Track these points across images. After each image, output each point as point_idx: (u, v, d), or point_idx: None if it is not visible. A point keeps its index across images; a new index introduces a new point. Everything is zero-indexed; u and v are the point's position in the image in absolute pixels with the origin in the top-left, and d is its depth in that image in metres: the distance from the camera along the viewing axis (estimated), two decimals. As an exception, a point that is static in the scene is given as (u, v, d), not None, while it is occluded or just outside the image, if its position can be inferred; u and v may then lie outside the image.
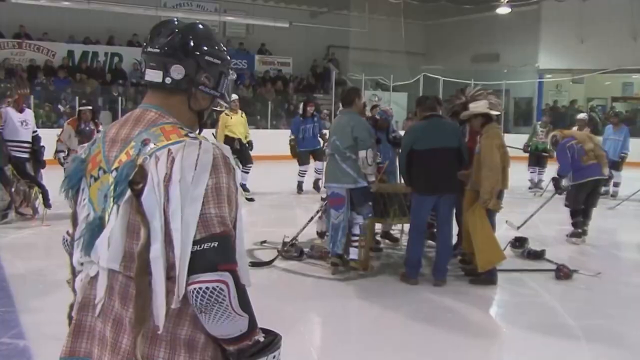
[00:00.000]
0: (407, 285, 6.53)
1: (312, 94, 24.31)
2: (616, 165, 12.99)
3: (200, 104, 1.94)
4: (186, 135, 1.78)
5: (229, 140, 12.10)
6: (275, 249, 7.57)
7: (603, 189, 13.10)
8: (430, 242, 7.43)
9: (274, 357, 1.86)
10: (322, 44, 26.60)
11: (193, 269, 1.66)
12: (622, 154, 12.88)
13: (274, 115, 22.00)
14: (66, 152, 9.57)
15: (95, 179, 1.84)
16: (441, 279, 6.57)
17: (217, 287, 1.66)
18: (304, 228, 7.71)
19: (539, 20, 24.20)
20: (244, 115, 12.69)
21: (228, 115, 12.21)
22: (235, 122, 12.22)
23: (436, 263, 6.70)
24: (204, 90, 1.92)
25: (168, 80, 1.87)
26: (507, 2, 22.32)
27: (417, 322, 5.66)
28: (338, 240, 6.79)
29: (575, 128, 12.96)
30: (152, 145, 1.74)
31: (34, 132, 9.57)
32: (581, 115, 13.96)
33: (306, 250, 7.53)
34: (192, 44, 1.89)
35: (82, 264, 1.87)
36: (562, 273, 6.97)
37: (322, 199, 8.03)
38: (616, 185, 13.06)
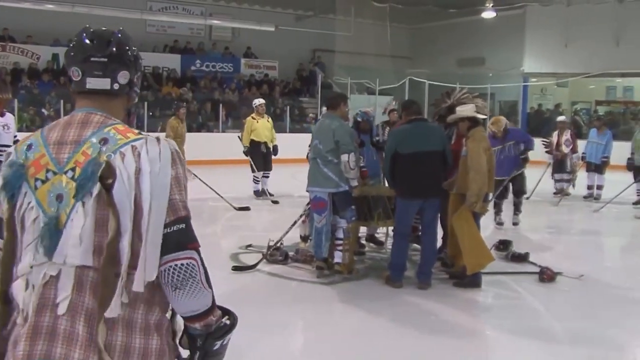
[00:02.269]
0: (392, 289, 6.52)
1: (298, 98, 24.36)
2: (599, 168, 13.10)
3: (131, 103, 2.13)
4: (139, 133, 1.92)
5: (254, 145, 12.14)
6: (260, 253, 7.55)
7: (587, 191, 13.28)
8: (415, 245, 7.43)
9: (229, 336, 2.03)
10: (308, 48, 26.63)
11: (165, 250, 1.81)
12: (604, 158, 12.96)
13: (260, 119, 21.97)
14: None
15: (43, 182, 1.88)
16: (425, 282, 6.58)
17: (190, 263, 1.83)
18: (287, 232, 7.70)
19: (523, 25, 24.32)
20: (270, 119, 12.72)
21: (254, 119, 12.25)
22: (262, 126, 12.28)
23: (421, 266, 6.70)
24: (136, 90, 2.10)
25: (116, 86, 2.01)
26: (492, 6, 22.42)
27: (402, 325, 5.65)
28: (322, 244, 6.79)
29: (556, 132, 13.10)
30: (112, 144, 1.85)
31: (15, 136, 9.51)
32: (561, 118, 14.09)
33: (291, 254, 7.53)
34: (131, 49, 2.06)
35: (31, 267, 1.88)
36: (546, 275, 6.99)
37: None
38: (599, 188, 13.15)
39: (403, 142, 6.54)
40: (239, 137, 12.74)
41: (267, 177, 12.44)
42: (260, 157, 12.25)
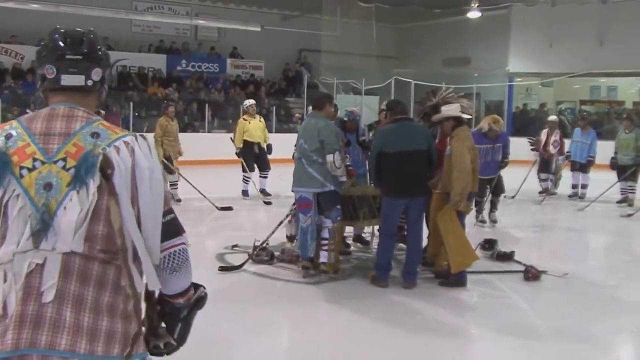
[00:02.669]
0: (378, 288, 6.54)
1: (284, 98, 24.34)
2: (584, 167, 13.20)
3: (101, 100, 2.22)
4: (122, 130, 2.04)
5: (247, 145, 12.15)
6: (246, 253, 7.55)
7: (572, 190, 13.37)
8: (400, 244, 7.45)
9: None
10: (294, 48, 26.61)
11: (164, 237, 2.01)
12: (589, 157, 13.07)
13: (246, 119, 21.93)
14: None
15: (29, 170, 1.94)
16: (411, 282, 6.60)
17: (184, 248, 2.07)
18: (273, 232, 7.70)
19: (508, 25, 24.42)
20: (262, 120, 12.75)
21: (246, 120, 12.27)
22: (254, 127, 12.29)
23: (406, 266, 6.71)
24: (105, 87, 2.18)
25: (90, 82, 2.10)
26: (478, 6, 22.51)
27: (388, 325, 5.67)
28: (308, 244, 6.80)
29: (545, 130, 13.18)
30: (105, 138, 1.97)
31: None
32: (552, 118, 14.14)
33: (277, 254, 7.52)
34: (101, 47, 2.16)
35: (14, 255, 1.91)
36: (531, 274, 7.04)
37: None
38: (584, 187, 13.24)
39: (388, 141, 6.55)
40: (231, 138, 12.75)
41: (265, 177, 12.44)
42: (253, 157, 12.28)
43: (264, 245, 7.55)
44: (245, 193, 12.46)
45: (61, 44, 2.08)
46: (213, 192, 11.46)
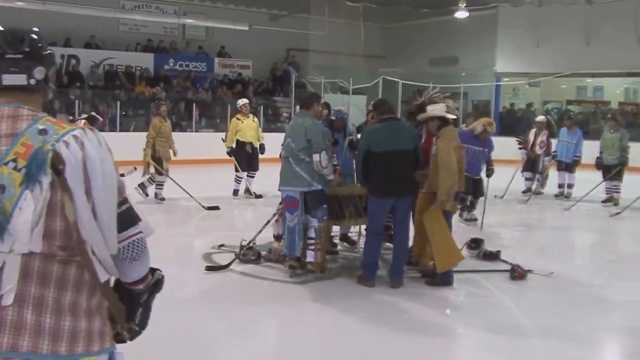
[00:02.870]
0: (364, 288, 6.55)
1: (272, 97, 24.32)
2: (570, 167, 13.28)
3: (46, 98, 2.18)
4: (69, 125, 2.02)
5: (240, 145, 12.14)
6: (233, 253, 7.54)
7: (558, 190, 13.46)
8: (387, 244, 7.46)
9: None
10: (282, 47, 26.59)
11: (120, 228, 2.01)
12: (576, 157, 13.15)
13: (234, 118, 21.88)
14: None
15: None
16: (398, 281, 6.61)
17: (142, 237, 2.09)
18: (260, 231, 7.69)
19: (496, 25, 24.54)
20: (255, 119, 12.77)
21: (239, 119, 12.25)
22: (247, 127, 12.30)
23: (393, 265, 6.73)
24: (51, 86, 2.17)
25: (32, 81, 2.08)
26: (465, 6, 22.57)
27: (374, 324, 5.68)
28: (295, 243, 6.80)
29: (533, 130, 13.26)
30: (53, 134, 1.94)
31: None
32: (540, 118, 14.20)
33: (264, 253, 7.52)
34: (44, 46, 2.13)
35: None
36: (517, 273, 7.07)
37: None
38: (570, 186, 13.32)
39: (375, 140, 6.56)
40: (222, 138, 12.76)
41: (253, 177, 12.46)
42: (245, 157, 12.28)
43: (251, 244, 7.54)
44: (235, 193, 12.47)
45: (1, 42, 2.05)
46: (200, 192, 11.44)
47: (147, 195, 11.72)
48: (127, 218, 2.05)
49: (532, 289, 6.92)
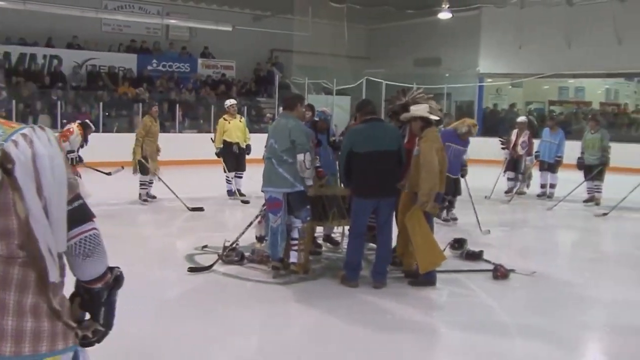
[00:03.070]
0: (347, 288, 6.55)
1: (256, 98, 24.28)
2: (552, 167, 13.38)
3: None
4: (18, 124, 1.99)
5: (226, 145, 12.14)
6: (216, 254, 7.52)
7: (540, 190, 13.55)
8: (371, 244, 7.47)
9: None
10: (266, 48, 26.58)
11: (72, 224, 1.99)
12: (558, 157, 13.25)
13: (217, 118, 21.79)
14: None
15: None
16: (381, 281, 6.62)
17: (95, 233, 2.06)
18: (243, 232, 7.67)
19: (479, 26, 24.68)
20: (242, 119, 12.79)
21: (226, 120, 12.26)
22: (233, 127, 12.31)
23: (376, 265, 6.73)
24: (1, 86, 2.10)
25: None
26: (449, 7, 22.65)
27: (357, 324, 5.68)
28: (278, 244, 6.80)
29: (515, 131, 13.35)
30: (1, 134, 1.93)
31: None
32: (521, 119, 14.28)
33: (247, 254, 7.51)
34: None
35: None
36: (499, 273, 7.10)
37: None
38: (552, 186, 13.42)
39: (359, 141, 6.57)
40: (211, 139, 12.78)
41: (240, 177, 12.46)
42: (232, 157, 12.30)
43: (234, 245, 7.53)
44: (230, 193, 12.49)
45: None
46: (184, 193, 11.40)
47: (153, 197, 11.84)
48: (79, 215, 2.03)
49: (515, 288, 6.96)
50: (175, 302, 6.27)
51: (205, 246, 8.08)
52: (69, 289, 2.13)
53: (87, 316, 2.16)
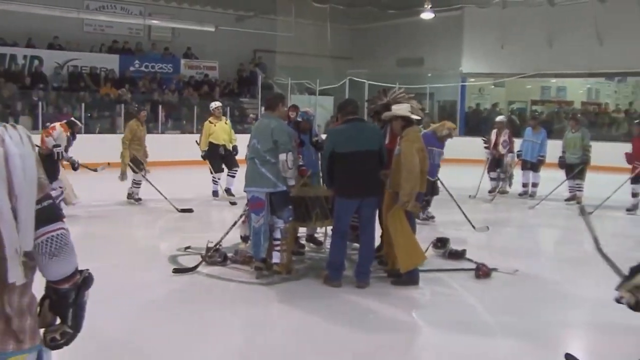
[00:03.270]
0: (331, 288, 6.56)
1: (239, 99, 24.24)
2: (535, 166, 13.47)
3: None
4: None
5: (213, 147, 12.15)
6: (199, 255, 7.50)
7: (522, 189, 13.65)
8: (355, 244, 7.48)
9: None
10: (249, 48, 26.51)
11: (40, 224, 2.02)
12: (540, 157, 13.35)
13: (200, 119, 21.73)
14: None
15: None
16: (364, 281, 6.63)
17: (63, 232, 2.08)
18: (227, 233, 7.66)
19: (461, 26, 24.76)
20: (228, 121, 12.79)
21: (212, 122, 12.28)
22: (219, 129, 12.32)
23: (359, 265, 6.75)
24: None
25: None
26: (431, 7, 22.72)
27: (340, 324, 5.68)
28: (261, 244, 6.79)
29: (494, 131, 13.42)
30: None
31: None
32: (499, 118, 14.37)
33: (230, 255, 7.50)
34: None
35: None
36: (482, 272, 7.14)
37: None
38: (535, 185, 13.51)
39: (340, 141, 6.58)
40: (196, 141, 12.78)
41: (233, 176, 12.41)
42: (219, 159, 12.33)
43: (217, 246, 7.51)
44: (215, 194, 12.52)
45: None
46: (168, 194, 11.38)
47: (139, 199, 11.84)
48: (48, 214, 2.06)
49: (497, 287, 6.99)
50: (159, 303, 6.24)
51: (189, 247, 8.05)
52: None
53: (58, 320, 2.18)
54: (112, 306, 5.96)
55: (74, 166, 10.48)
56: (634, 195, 11.89)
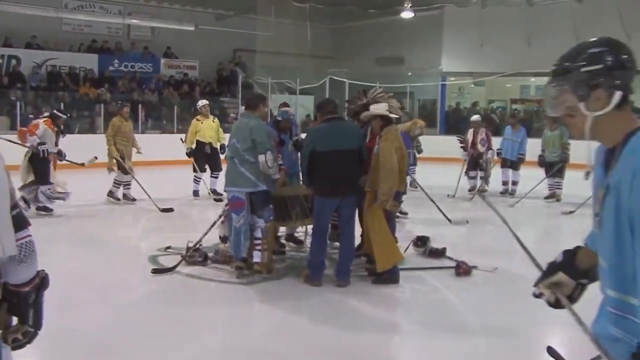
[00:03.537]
0: (311, 287, 6.57)
1: (219, 98, 24.16)
2: (515, 165, 13.56)
3: None
4: None
5: (199, 145, 12.14)
6: (179, 255, 7.47)
7: (502, 187, 13.73)
8: (336, 243, 7.48)
9: None
10: (229, 48, 26.46)
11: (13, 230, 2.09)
12: (520, 155, 13.44)
13: (180, 119, 21.65)
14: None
15: None
16: (344, 280, 6.64)
17: (31, 240, 2.19)
18: (206, 233, 7.64)
19: (441, 25, 24.86)
20: (215, 120, 12.80)
21: (199, 120, 12.27)
22: (206, 127, 12.34)
23: (339, 264, 6.76)
24: None
25: None
26: (411, 7, 22.79)
27: (321, 323, 5.70)
28: (241, 244, 6.78)
29: (470, 130, 13.48)
30: None
31: None
32: (474, 117, 14.41)
33: (210, 254, 7.48)
34: None
35: None
36: (462, 270, 7.18)
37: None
38: (514, 184, 13.61)
39: (320, 141, 6.59)
40: (181, 139, 12.77)
41: (216, 177, 12.41)
42: (204, 158, 12.36)
43: (197, 246, 7.49)
44: (195, 193, 12.51)
45: None
46: (150, 193, 11.37)
47: (118, 199, 11.85)
48: (18, 222, 2.14)
49: (477, 285, 7.03)
50: (138, 304, 6.21)
51: (169, 247, 8.02)
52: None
53: (15, 320, 2.24)
54: (92, 307, 5.94)
55: (61, 156, 10.43)
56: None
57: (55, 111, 10.95)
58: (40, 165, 10.02)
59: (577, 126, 2.11)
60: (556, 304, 2.38)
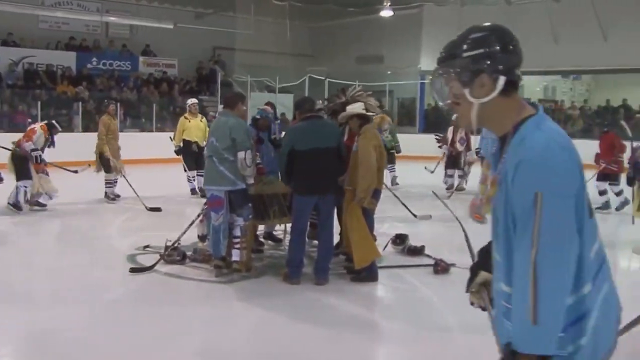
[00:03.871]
0: (290, 286, 6.58)
1: (198, 96, 24.07)
2: (494, 163, 13.61)
3: None
4: None
5: (186, 144, 12.16)
6: (158, 254, 7.45)
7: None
8: (315, 241, 7.49)
9: None
10: (208, 46, 26.35)
11: None
12: (498, 153, 13.49)
13: (159, 117, 21.57)
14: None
15: None
16: (323, 278, 6.66)
17: None
18: (185, 232, 7.62)
19: (420, 24, 24.96)
20: (203, 119, 12.84)
21: (187, 118, 12.30)
22: (194, 126, 12.40)
23: (317, 262, 6.77)
24: None
25: None
26: (390, 5, 22.85)
27: (300, 321, 5.72)
28: (220, 242, 6.78)
29: (451, 128, 13.55)
30: None
31: None
32: (455, 116, 14.46)
33: (189, 253, 7.46)
34: None
35: None
36: (440, 267, 7.23)
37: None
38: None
39: (299, 139, 6.61)
40: (170, 137, 12.77)
41: (202, 176, 12.37)
42: (192, 156, 12.38)
43: (176, 245, 7.47)
44: (193, 191, 12.52)
45: None
46: (127, 192, 11.33)
47: (115, 198, 11.92)
48: None
49: (455, 282, 7.02)
50: (118, 303, 6.19)
51: (147, 246, 8.00)
52: None
53: None
54: (70, 306, 5.91)
55: (37, 160, 10.43)
56: (601, 193, 11.92)
57: (54, 122, 11.21)
58: (19, 163, 10.22)
59: (464, 114, 2.09)
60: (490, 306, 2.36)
